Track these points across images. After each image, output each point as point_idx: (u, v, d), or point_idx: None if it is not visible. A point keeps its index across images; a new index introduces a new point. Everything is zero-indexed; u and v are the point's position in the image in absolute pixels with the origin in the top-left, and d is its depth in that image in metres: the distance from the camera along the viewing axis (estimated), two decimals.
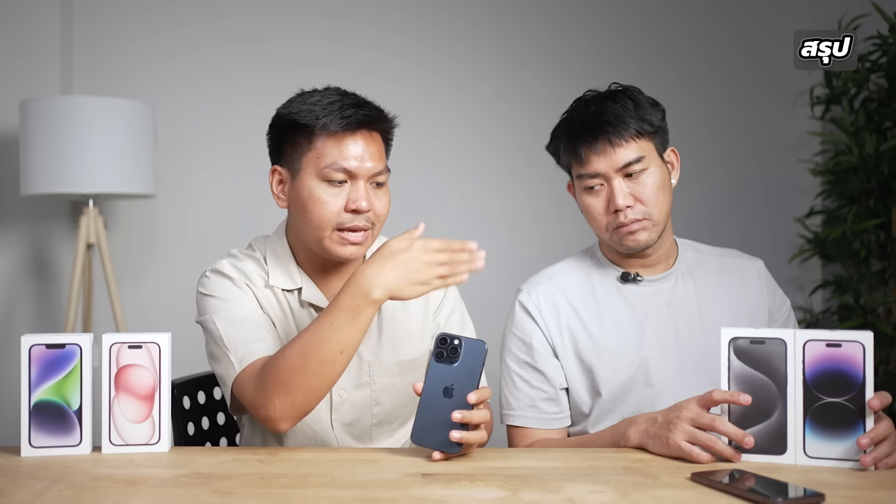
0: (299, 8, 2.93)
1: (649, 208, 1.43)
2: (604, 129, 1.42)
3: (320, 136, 1.36)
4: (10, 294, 2.79)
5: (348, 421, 1.44)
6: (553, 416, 1.50)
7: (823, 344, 1.15)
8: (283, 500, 1.02)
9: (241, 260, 1.45)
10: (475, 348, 1.20)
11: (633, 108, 1.44)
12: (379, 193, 1.39)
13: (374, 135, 1.39)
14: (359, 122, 1.36)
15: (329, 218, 1.35)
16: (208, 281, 1.42)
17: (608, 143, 1.42)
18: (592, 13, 3.03)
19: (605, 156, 1.42)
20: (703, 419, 1.18)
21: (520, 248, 2.94)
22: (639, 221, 1.43)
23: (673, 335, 1.49)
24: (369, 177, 1.37)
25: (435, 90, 2.95)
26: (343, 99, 1.38)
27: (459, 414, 1.16)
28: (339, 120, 1.35)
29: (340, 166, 1.35)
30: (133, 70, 2.86)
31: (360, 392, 1.44)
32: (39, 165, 2.42)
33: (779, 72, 2.98)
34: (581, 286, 1.54)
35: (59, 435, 1.22)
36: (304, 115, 1.37)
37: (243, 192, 2.89)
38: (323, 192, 1.35)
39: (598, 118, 1.43)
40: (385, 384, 1.44)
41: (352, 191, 1.36)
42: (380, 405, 1.45)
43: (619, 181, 1.43)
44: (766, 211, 3.02)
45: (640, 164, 1.43)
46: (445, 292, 1.54)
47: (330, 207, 1.35)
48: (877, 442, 1.12)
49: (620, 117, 1.42)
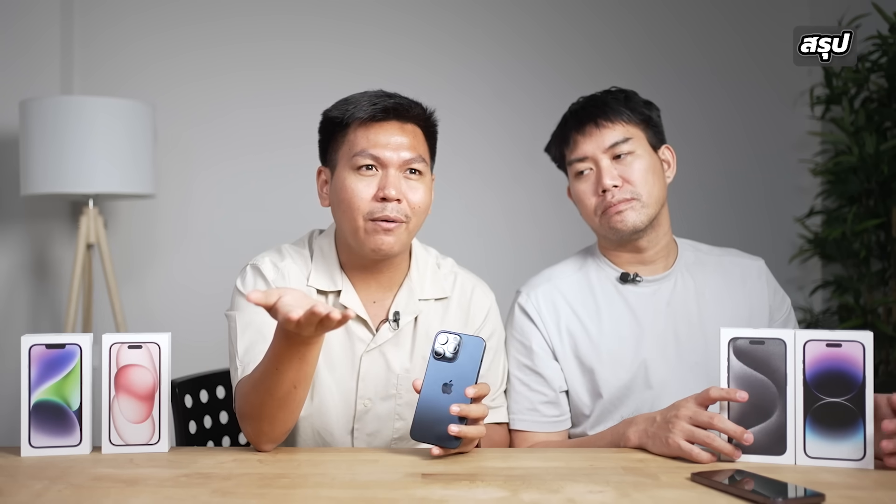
0: (299, 8, 2.93)
1: (637, 188, 1.45)
2: (591, 113, 1.48)
3: (352, 127, 1.38)
4: (10, 294, 2.79)
5: (370, 431, 1.42)
6: (553, 419, 1.50)
7: (823, 344, 1.15)
8: (283, 500, 1.02)
9: (285, 258, 1.43)
10: (474, 345, 1.21)
11: (623, 98, 1.50)
12: (414, 184, 1.38)
13: (408, 125, 1.39)
14: (385, 109, 1.37)
15: (359, 206, 1.34)
16: (245, 276, 1.42)
17: (594, 124, 1.47)
18: (592, 13, 3.03)
19: (591, 137, 1.47)
20: (702, 417, 1.18)
21: (520, 248, 2.94)
22: (627, 201, 1.44)
23: (672, 336, 1.49)
24: (400, 165, 1.36)
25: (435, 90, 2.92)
26: (377, 92, 1.40)
27: (457, 407, 1.16)
28: (368, 108, 1.36)
29: (368, 153, 1.35)
30: (133, 70, 2.86)
31: (386, 404, 1.42)
32: (39, 165, 2.42)
33: (779, 72, 2.98)
34: (580, 287, 1.53)
35: (58, 435, 1.22)
36: (338, 110, 1.40)
37: (243, 191, 2.89)
38: (355, 181, 1.36)
39: (587, 105, 1.51)
40: (411, 400, 1.39)
41: (382, 178, 1.35)
42: (402, 420, 1.42)
43: (607, 161, 1.46)
44: (766, 211, 3.02)
45: (626, 144, 1.46)
46: (486, 315, 1.50)
47: (360, 195, 1.34)
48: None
49: (608, 104, 1.49)
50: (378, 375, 1.42)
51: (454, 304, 1.48)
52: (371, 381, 1.41)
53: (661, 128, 1.53)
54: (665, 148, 1.53)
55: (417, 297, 1.44)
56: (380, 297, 1.44)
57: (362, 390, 1.41)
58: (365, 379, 1.41)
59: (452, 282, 1.49)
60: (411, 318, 1.43)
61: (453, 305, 1.48)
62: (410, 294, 1.44)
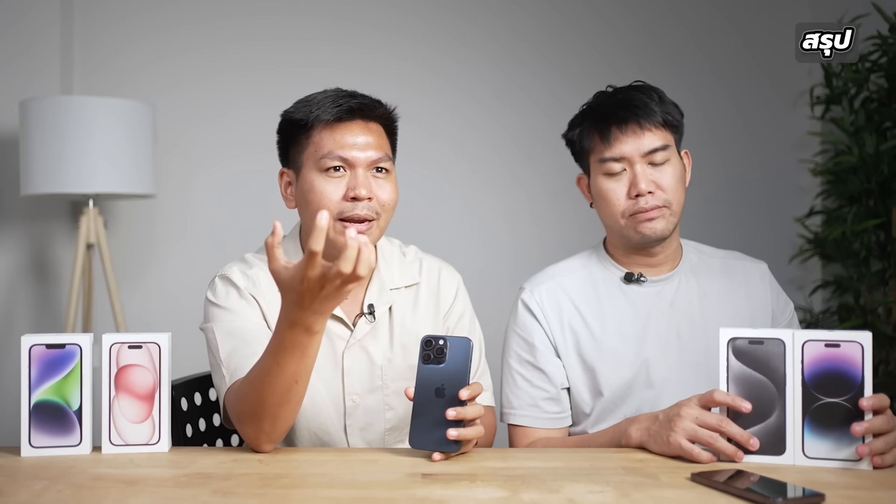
0: (299, 7, 2.94)
1: (669, 196, 1.45)
2: (634, 112, 1.44)
3: (316, 129, 1.38)
4: (10, 294, 2.79)
5: (362, 425, 1.44)
6: (554, 415, 1.50)
7: (822, 344, 1.15)
8: (283, 500, 1.02)
9: (252, 266, 1.44)
10: (461, 346, 1.20)
11: (658, 99, 1.47)
12: (381, 182, 1.39)
13: (372, 124, 1.40)
14: (351, 110, 1.38)
15: (329, 207, 1.35)
16: (216, 288, 1.42)
17: (637, 125, 1.44)
18: (592, 13, 3.03)
19: (635, 137, 1.44)
20: (709, 419, 1.17)
21: (520, 248, 2.94)
22: (659, 209, 1.44)
23: (675, 336, 1.49)
24: (368, 164, 1.38)
25: (435, 90, 2.95)
26: (338, 93, 1.40)
27: (454, 411, 1.16)
28: (332, 109, 1.37)
29: (336, 154, 1.36)
30: (133, 70, 2.86)
31: (374, 396, 1.44)
32: (39, 165, 2.42)
33: (779, 72, 2.99)
34: (584, 285, 1.54)
35: (59, 435, 1.22)
36: (300, 112, 1.40)
37: (243, 191, 2.89)
38: (322, 182, 1.37)
39: (627, 103, 1.46)
40: (397, 388, 1.43)
41: (350, 179, 1.37)
42: (392, 409, 1.44)
43: (643, 166, 1.44)
44: (766, 211, 3.02)
45: (664, 152, 1.44)
46: (456, 295, 1.53)
47: (329, 196, 1.36)
48: (874, 433, 1.11)
49: (648, 105, 1.45)
50: (362, 370, 1.43)
51: (423, 288, 1.51)
52: (356, 376, 1.43)
53: (683, 130, 1.52)
54: (684, 153, 1.52)
55: (388, 288, 1.47)
56: (352, 294, 1.45)
57: (349, 386, 1.42)
58: (350, 375, 1.43)
59: (419, 267, 1.53)
60: (385, 308, 1.46)
61: (423, 290, 1.51)
62: (381, 286, 1.47)
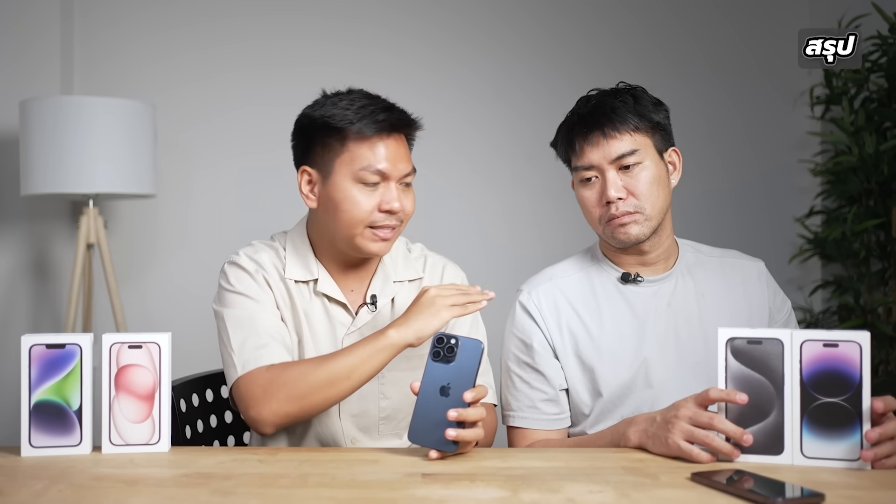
0: (299, 7, 2.94)
1: (641, 202, 1.44)
2: (598, 121, 1.45)
3: (353, 140, 1.41)
4: (10, 294, 2.79)
5: (356, 412, 1.47)
6: (553, 416, 1.50)
7: (820, 344, 1.15)
8: (283, 500, 1.02)
9: (259, 251, 1.50)
10: (472, 347, 1.21)
11: (632, 103, 1.46)
12: (407, 193, 1.46)
13: (401, 137, 1.45)
14: (391, 126, 1.41)
15: (363, 217, 1.40)
16: (227, 273, 1.47)
17: (601, 134, 1.44)
18: (592, 13, 3.03)
19: (598, 147, 1.44)
20: (702, 417, 1.18)
21: (520, 248, 2.94)
22: (630, 214, 1.44)
23: (673, 336, 1.49)
24: (400, 178, 1.43)
25: (435, 90, 2.95)
26: (373, 103, 1.43)
27: (455, 412, 1.16)
28: (373, 124, 1.40)
29: (375, 168, 1.40)
30: (133, 70, 2.86)
31: (369, 384, 1.45)
32: (39, 165, 2.42)
33: (779, 72, 2.99)
34: (581, 286, 1.54)
35: (59, 435, 1.22)
36: (337, 119, 1.41)
37: (243, 191, 2.89)
38: (358, 193, 1.41)
39: (595, 111, 1.46)
40: (393, 378, 1.47)
41: (385, 192, 1.41)
42: (387, 398, 1.48)
43: (613, 173, 1.44)
44: (766, 211, 3.02)
45: (633, 156, 1.44)
46: None
47: (364, 207, 1.40)
48: (886, 438, 1.11)
49: (617, 110, 1.45)
50: None
51: (426, 284, 1.54)
52: None
53: (669, 129, 1.50)
54: (672, 151, 1.51)
55: (392, 280, 1.52)
56: (356, 286, 1.51)
57: None
58: None
59: (423, 263, 1.58)
60: (388, 299, 1.51)
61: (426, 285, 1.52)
62: (385, 278, 1.52)
